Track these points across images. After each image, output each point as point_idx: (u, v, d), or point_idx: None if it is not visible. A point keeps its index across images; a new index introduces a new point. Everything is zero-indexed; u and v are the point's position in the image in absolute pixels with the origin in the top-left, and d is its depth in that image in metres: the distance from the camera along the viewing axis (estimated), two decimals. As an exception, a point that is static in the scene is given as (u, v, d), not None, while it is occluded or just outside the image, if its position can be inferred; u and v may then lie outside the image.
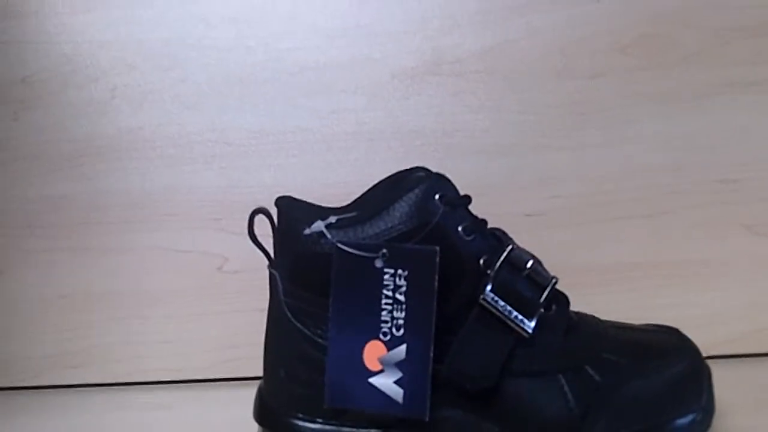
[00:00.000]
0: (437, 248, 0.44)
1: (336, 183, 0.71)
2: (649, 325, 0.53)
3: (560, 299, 0.48)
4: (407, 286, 0.44)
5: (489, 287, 0.45)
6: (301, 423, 0.47)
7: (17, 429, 0.62)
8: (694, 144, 0.69)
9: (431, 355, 0.44)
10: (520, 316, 0.45)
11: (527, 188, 0.70)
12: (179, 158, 0.72)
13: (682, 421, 0.47)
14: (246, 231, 0.48)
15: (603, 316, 0.63)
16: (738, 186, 0.69)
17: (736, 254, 0.69)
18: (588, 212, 0.70)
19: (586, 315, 0.50)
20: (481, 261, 0.46)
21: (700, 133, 0.69)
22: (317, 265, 0.46)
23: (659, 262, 0.69)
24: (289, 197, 0.49)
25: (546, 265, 0.69)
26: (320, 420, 0.46)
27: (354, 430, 0.46)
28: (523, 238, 0.69)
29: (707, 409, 0.48)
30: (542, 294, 0.46)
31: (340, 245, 0.45)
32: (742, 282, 0.69)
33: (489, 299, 0.45)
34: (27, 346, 0.72)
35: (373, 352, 0.45)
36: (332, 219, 0.46)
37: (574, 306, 0.60)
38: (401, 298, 0.44)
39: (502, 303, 0.45)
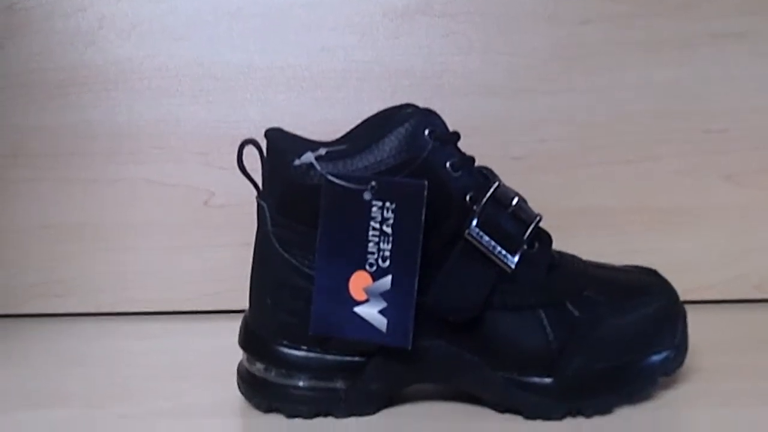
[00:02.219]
0: (426, 182, 0.45)
1: (323, 120, 0.71)
2: (629, 266, 0.54)
3: (543, 237, 0.49)
4: (394, 218, 0.45)
5: (474, 222, 0.46)
6: (286, 350, 0.48)
7: (2, 356, 0.62)
8: (680, 92, 0.70)
9: (416, 286, 0.45)
10: (504, 252, 0.46)
11: (514, 131, 0.71)
12: (166, 91, 0.72)
13: (656, 358, 0.48)
14: (233, 165, 0.48)
15: (586, 258, 0.65)
16: (721, 136, 0.70)
17: (717, 203, 0.70)
18: (574, 156, 0.71)
19: (567, 254, 0.51)
20: (468, 197, 0.47)
21: (685, 81, 0.70)
22: (306, 197, 0.46)
23: (642, 207, 0.70)
24: (279, 129, 0.50)
25: (531, 208, 0.70)
26: (305, 347, 0.47)
27: (338, 357, 0.47)
28: (509, 181, 0.69)
29: (680, 348, 0.49)
30: (526, 231, 0.47)
31: (329, 177, 0.45)
32: (721, 230, 0.70)
33: (474, 234, 0.46)
34: (12, 275, 0.72)
35: (359, 282, 0.46)
36: (322, 151, 0.47)
37: (559, 248, 0.61)
38: (388, 230, 0.45)
39: (486, 238, 0.46)
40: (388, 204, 0.45)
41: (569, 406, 0.47)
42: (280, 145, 0.48)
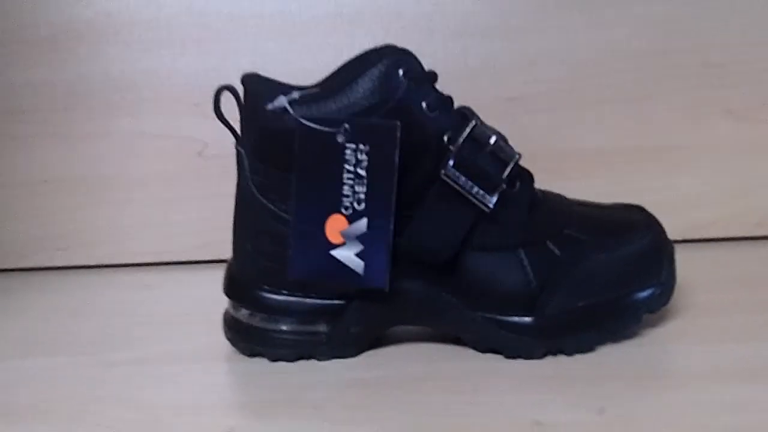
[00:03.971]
0: (398, 123, 0.44)
1: (315, 68, 0.68)
2: (617, 204, 0.53)
3: (524, 176, 0.49)
4: (369, 160, 0.45)
5: (451, 162, 0.45)
6: (267, 295, 0.48)
7: (3, 309, 0.63)
8: (678, 27, 0.68)
9: (392, 227, 0.45)
10: (482, 192, 0.45)
11: (508, 72, 0.69)
12: (158, 42, 0.72)
13: (641, 294, 0.48)
14: (226, 114, 0.48)
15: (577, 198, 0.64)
16: (721, 70, 0.68)
17: (718, 139, 0.69)
18: (569, 96, 0.69)
19: (551, 193, 0.51)
20: (445, 137, 0.46)
21: (684, 16, 0.68)
22: (280, 141, 0.46)
23: (640, 146, 0.69)
24: (255, 74, 0.49)
25: (526, 150, 0.68)
26: (285, 292, 0.48)
27: (319, 301, 0.48)
28: (503, 122, 0.68)
29: (666, 284, 0.49)
30: (505, 170, 0.46)
31: (301, 120, 0.45)
32: (723, 167, 0.69)
33: (450, 174, 0.45)
34: (12, 229, 0.73)
35: (335, 226, 0.45)
36: (295, 95, 0.46)
37: (554, 190, 0.61)
38: (362, 172, 0.45)
39: (463, 178, 0.45)
40: (361, 146, 0.45)
41: (550, 345, 0.46)
42: (255, 91, 0.47)
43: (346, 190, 0.45)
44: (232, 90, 0.48)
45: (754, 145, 0.68)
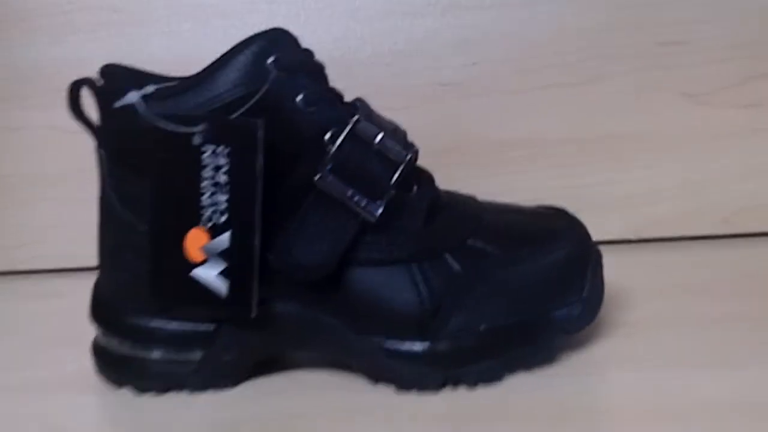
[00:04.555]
0: (259, 121, 0.38)
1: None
2: (539, 207, 0.47)
3: (423, 179, 0.42)
4: (230, 165, 0.38)
5: (328, 167, 0.39)
6: (134, 319, 0.42)
7: None
8: (629, 1, 0.61)
9: (257, 242, 0.39)
10: (364, 200, 0.39)
11: (442, 54, 0.63)
12: (64, 28, 0.66)
13: (558, 313, 0.42)
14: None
15: (524, 196, 0.58)
16: (679, 49, 0.61)
17: (675, 126, 0.62)
18: (510, 81, 0.62)
19: (460, 196, 0.44)
20: (327, 136, 0.40)
21: (636, -13, 0.61)
22: (134, 144, 0.40)
23: (588, 136, 0.62)
24: (116, 65, 0.43)
25: (463, 141, 0.63)
26: (154, 315, 0.42)
27: (191, 325, 0.42)
28: (437, 110, 0.63)
29: (589, 302, 0.42)
30: (394, 173, 0.40)
31: (152, 119, 0.39)
32: (680, 157, 0.62)
33: (326, 180, 0.39)
34: None
35: (195, 241, 0.39)
36: (150, 89, 0.40)
37: (489, 187, 0.54)
38: (223, 179, 0.38)
39: (341, 185, 0.39)
40: (221, 148, 0.38)
41: (448, 375, 0.40)
42: (109, 85, 0.41)
43: (206, 200, 0.39)
44: (90, 84, 0.42)
45: (715, 132, 0.61)
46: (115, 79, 0.41)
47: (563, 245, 0.43)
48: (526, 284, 0.41)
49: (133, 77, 0.42)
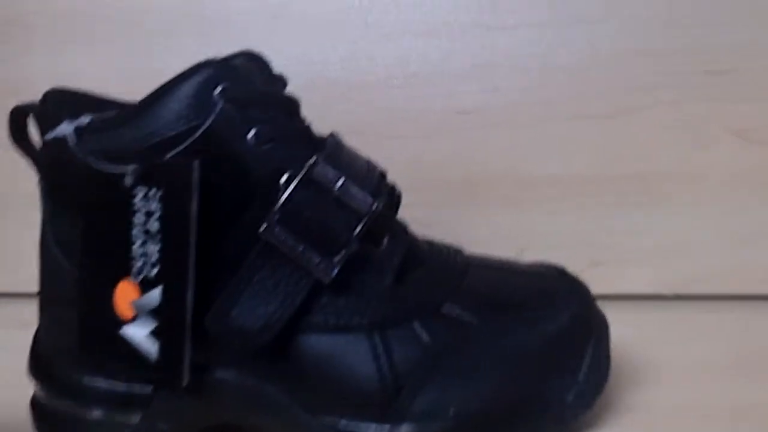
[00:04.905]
0: (195, 161, 0.33)
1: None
2: (534, 265, 0.40)
3: (396, 229, 0.36)
4: (162, 211, 0.33)
5: (276, 216, 0.33)
6: (69, 375, 0.37)
7: None
8: (674, 23, 0.54)
9: (189, 301, 0.33)
10: (318, 256, 0.33)
11: (459, 79, 0.56)
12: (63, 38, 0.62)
13: (549, 398, 0.35)
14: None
15: (546, 242, 0.51)
16: (728, 78, 0.53)
17: (720, 167, 0.54)
18: (534, 110, 0.56)
19: (444, 249, 0.39)
20: (283, 179, 0.34)
21: (681, 9, 0.53)
22: (67, 179, 0.35)
23: (618, 175, 0.55)
24: (61, 89, 0.38)
25: (479, 176, 0.56)
26: (82, 372, 0.37)
27: (130, 386, 0.37)
28: (452, 140, 0.57)
29: (589, 384, 0.36)
30: (357, 225, 0.34)
31: (83, 155, 0.34)
32: (727, 203, 0.54)
33: (274, 233, 0.33)
34: None
35: (126, 295, 0.34)
36: (84, 120, 0.35)
37: (507, 229, 0.48)
38: (155, 227, 0.33)
39: (291, 238, 0.33)
40: (153, 191, 0.33)
41: (411, 465, 0.34)
42: (49, 113, 0.37)
43: (137, 249, 0.34)
44: (34, 111, 0.38)
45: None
46: (54, 105, 0.37)
47: (559, 314, 0.36)
48: (510, 362, 0.35)
49: (77, 104, 0.38)
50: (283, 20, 0.57)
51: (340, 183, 0.34)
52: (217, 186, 0.34)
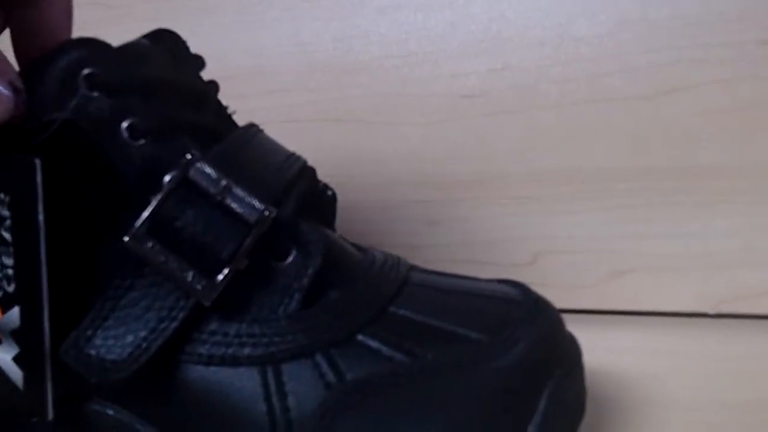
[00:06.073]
0: (36, 160, 0.27)
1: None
2: (492, 281, 0.33)
3: (308, 240, 0.30)
4: (12, 218, 0.28)
5: (145, 226, 0.28)
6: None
7: None
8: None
9: (46, 325, 0.28)
10: (196, 275, 0.27)
11: (464, 56, 0.49)
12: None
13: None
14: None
15: (562, 245, 0.44)
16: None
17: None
18: (550, 91, 0.48)
19: (380, 262, 0.32)
20: (166, 180, 0.29)
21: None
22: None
23: (652, 168, 0.46)
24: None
25: (487, 168, 0.49)
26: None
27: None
28: (455, 128, 0.49)
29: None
30: (246, 236, 0.28)
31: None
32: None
33: (143, 246, 0.28)
34: None
35: (-12, 314, 0.30)
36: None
37: (516, 230, 0.42)
38: (7, 236, 0.28)
39: (163, 252, 0.28)
40: (2, 195, 0.28)
41: None
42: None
43: (-7, 261, 0.29)
44: None
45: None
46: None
47: (512, 346, 0.29)
48: (430, 410, 0.28)
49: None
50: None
51: (222, 185, 0.28)
52: (81, 188, 0.28)
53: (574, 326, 0.31)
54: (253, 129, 0.32)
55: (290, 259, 0.30)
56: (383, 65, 0.50)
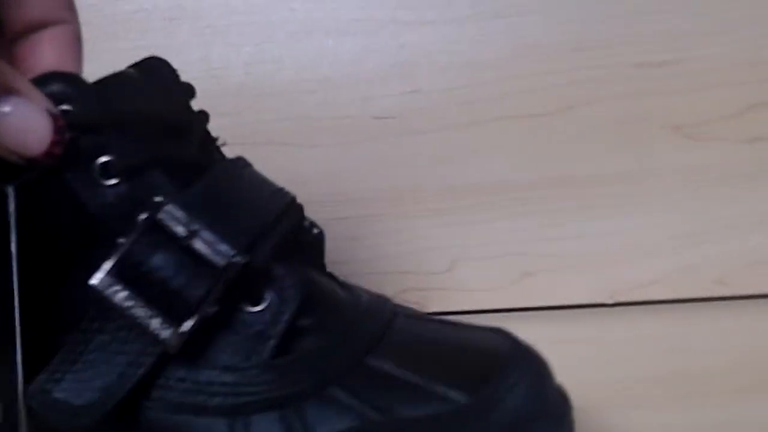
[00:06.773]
0: (9, 188, 0.28)
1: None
2: (480, 328, 0.33)
3: (281, 285, 0.31)
4: (-16, 249, 0.29)
5: (111, 269, 0.29)
6: None
7: None
8: (604, 12, 0.49)
9: (19, 364, 0.29)
10: (162, 321, 0.29)
11: (375, 80, 0.52)
12: None
13: None
14: None
15: (476, 253, 0.47)
16: (664, 72, 0.48)
17: (658, 165, 0.50)
18: (459, 113, 0.51)
19: (365, 304, 0.33)
20: (140, 220, 0.30)
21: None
22: None
23: (554, 178, 0.51)
24: None
25: (400, 186, 0.52)
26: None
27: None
28: (369, 148, 0.52)
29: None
30: (216, 281, 0.29)
31: None
32: (665, 204, 0.50)
33: (110, 289, 0.29)
34: None
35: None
36: None
37: (434, 241, 0.44)
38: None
39: (131, 296, 0.29)
40: (-25, 229, 0.29)
41: None
42: None
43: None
44: None
45: (713, 174, 0.49)
46: None
47: (490, 408, 0.29)
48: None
49: None
50: (180, 22, 0.52)
51: (191, 229, 0.29)
52: (55, 226, 0.29)
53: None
54: (240, 163, 0.33)
55: (264, 304, 0.30)
56: (297, 89, 0.52)
